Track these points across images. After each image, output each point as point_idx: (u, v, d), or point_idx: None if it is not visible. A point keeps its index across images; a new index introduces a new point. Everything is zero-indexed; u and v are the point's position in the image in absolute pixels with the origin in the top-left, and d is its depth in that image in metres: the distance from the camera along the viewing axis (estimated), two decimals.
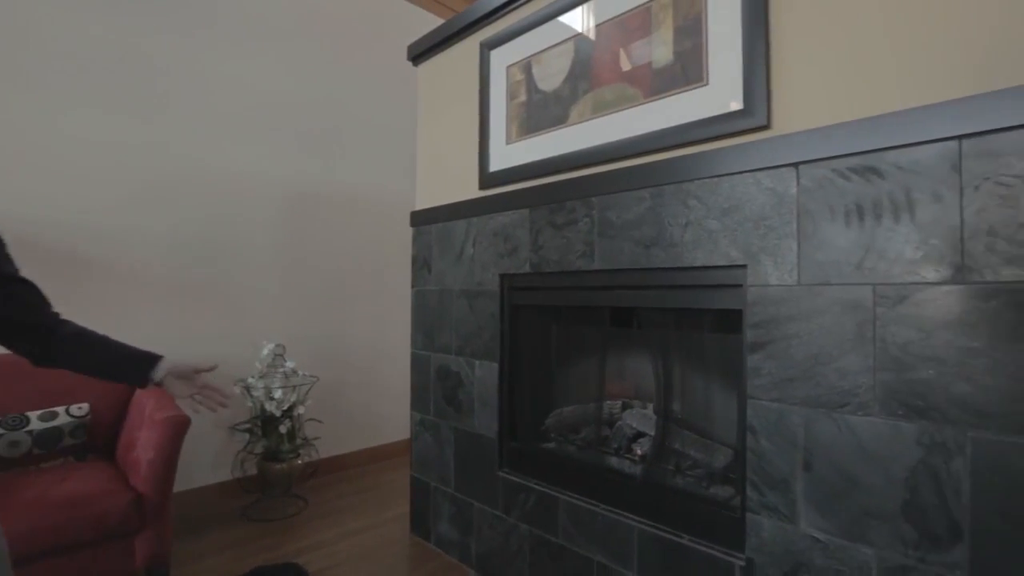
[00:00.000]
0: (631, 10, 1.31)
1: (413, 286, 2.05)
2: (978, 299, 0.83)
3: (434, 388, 1.93)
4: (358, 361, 2.78)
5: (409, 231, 2.08)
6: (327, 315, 2.68)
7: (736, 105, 1.09)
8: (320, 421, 2.46)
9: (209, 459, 2.28)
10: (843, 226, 0.96)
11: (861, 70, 0.97)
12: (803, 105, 1.03)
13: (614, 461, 1.47)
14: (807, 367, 1.00)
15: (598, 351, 1.65)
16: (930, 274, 0.87)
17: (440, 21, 3.45)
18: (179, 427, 1.53)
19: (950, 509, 0.85)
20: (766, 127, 1.07)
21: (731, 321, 1.21)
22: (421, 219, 2.01)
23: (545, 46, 1.54)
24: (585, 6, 1.43)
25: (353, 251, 2.78)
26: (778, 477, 1.04)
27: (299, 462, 2.26)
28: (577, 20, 1.45)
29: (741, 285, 1.11)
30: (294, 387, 2.24)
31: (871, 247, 0.93)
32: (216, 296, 2.32)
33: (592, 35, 1.41)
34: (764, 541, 1.06)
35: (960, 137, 0.85)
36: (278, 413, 2.19)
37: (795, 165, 1.02)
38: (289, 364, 2.30)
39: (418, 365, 2.01)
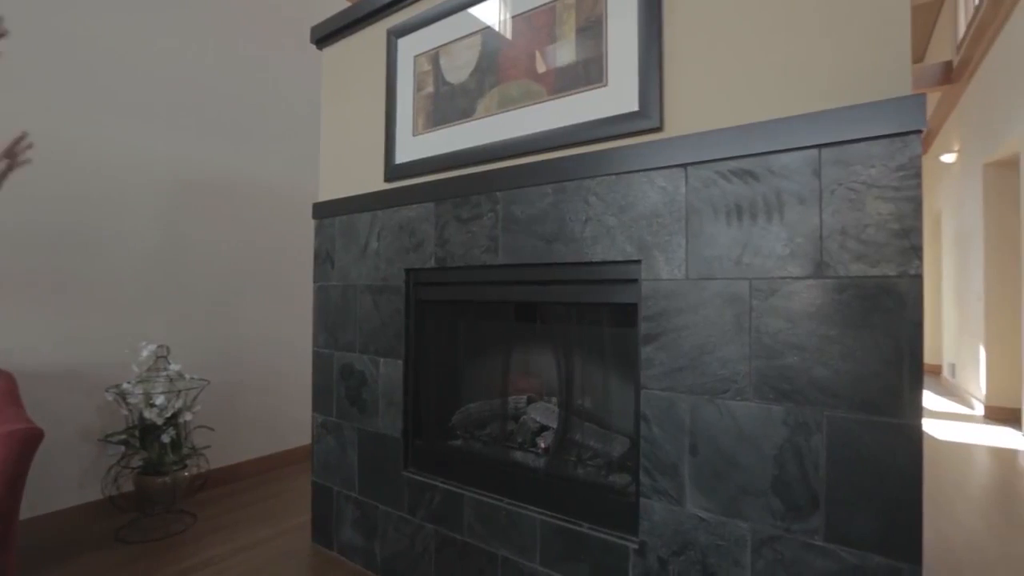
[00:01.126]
0: (537, 8, 1.32)
1: (315, 281, 1.94)
2: (833, 292, 0.92)
3: (337, 388, 1.85)
4: (257, 362, 2.59)
5: (312, 223, 1.97)
6: (221, 313, 2.47)
7: (632, 107, 1.14)
8: (211, 428, 2.26)
9: (74, 477, 2.02)
10: (725, 224, 1.03)
11: (742, 81, 1.04)
12: (692, 110, 1.09)
13: (519, 455, 1.48)
14: (694, 357, 1.06)
15: (504, 346, 1.66)
16: (796, 269, 0.96)
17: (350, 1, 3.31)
18: (28, 442, 1.33)
19: (810, 481, 0.94)
20: (659, 129, 1.12)
21: (628, 315, 1.26)
22: (324, 211, 1.91)
23: (453, 37, 1.52)
24: (490, 1, 1.42)
25: (252, 243, 2.59)
26: (668, 462, 1.09)
27: (185, 474, 2.06)
28: (485, 13, 1.44)
29: (636, 280, 1.16)
30: (179, 392, 2.05)
31: (748, 244, 1.01)
32: (84, 294, 2.06)
33: (499, 29, 1.40)
34: (655, 524, 1.11)
35: (820, 146, 0.94)
36: (160, 421, 1.99)
37: (684, 166, 1.08)
38: (174, 367, 2.09)
39: (320, 364, 1.91)
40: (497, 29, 1.41)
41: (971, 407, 4.43)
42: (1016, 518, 2.34)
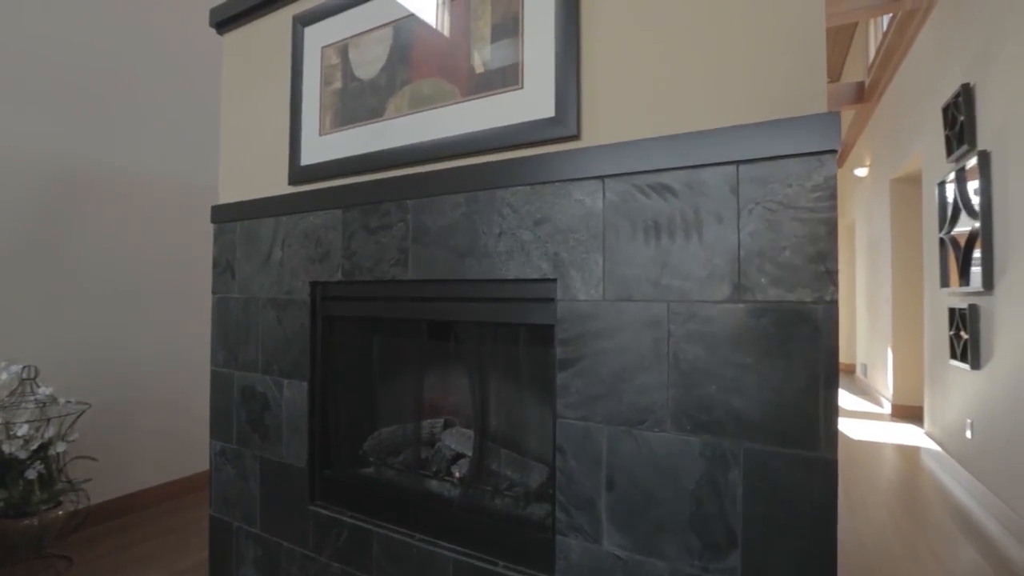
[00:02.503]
0: (451, 1, 1.22)
1: (214, 292, 1.74)
2: (751, 317, 0.87)
3: (237, 412, 1.66)
4: (154, 380, 2.33)
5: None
6: (110, 326, 2.19)
7: (549, 112, 1.05)
8: (94, 459, 1.99)
9: None
10: (643, 243, 0.97)
11: (661, 91, 0.98)
12: (610, 118, 1.02)
13: (433, 485, 1.37)
14: (611, 384, 0.99)
15: (418, 366, 1.54)
16: (714, 293, 0.90)
17: None
18: None
19: (727, 517, 0.88)
20: (576, 137, 1.04)
21: (546, 335, 1.17)
22: (224, 215, 1.72)
23: (363, 29, 1.38)
24: None
25: (145, 247, 2.32)
26: (584, 497, 1.02)
27: (59, 512, 1.80)
28: (395, 4, 1.32)
29: (553, 299, 1.08)
30: (48, 420, 1.78)
31: (667, 264, 0.94)
32: None
33: (411, 22, 1.29)
34: (572, 563, 1.03)
35: (737, 163, 0.89)
36: (24, 455, 1.72)
37: (601, 178, 1.01)
38: (44, 390, 1.82)
39: (219, 385, 1.72)
40: (409, 22, 1.29)
41: (880, 405, 4.74)
42: (918, 513, 2.47)
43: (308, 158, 1.49)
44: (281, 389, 1.54)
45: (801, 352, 0.84)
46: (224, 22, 1.78)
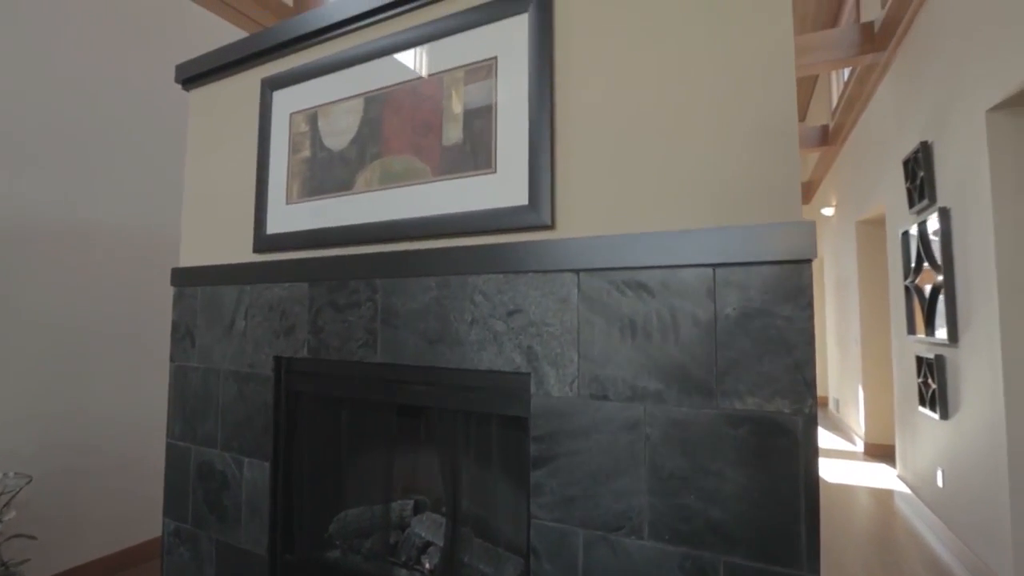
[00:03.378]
0: (423, 77, 1.20)
1: (173, 360, 1.65)
2: (729, 426, 0.85)
3: (194, 490, 1.56)
4: (101, 445, 2.19)
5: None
6: (52, 388, 2.06)
7: (522, 200, 1.03)
8: (32, 537, 1.84)
9: None
10: (619, 341, 0.94)
11: (636, 187, 0.97)
12: (585, 211, 1.01)
13: (402, 575, 1.29)
14: (587, 486, 0.95)
15: (387, 445, 1.47)
16: (692, 398, 0.88)
17: (232, 28, 3.06)
18: None
19: None
20: (550, 227, 1.02)
21: (520, 422, 1.13)
22: (185, 278, 1.64)
23: (333, 98, 1.36)
24: (377, 62, 1.28)
25: (97, 304, 2.20)
26: None
27: None
28: (367, 76, 1.30)
29: (527, 391, 1.04)
30: None
31: (644, 365, 0.92)
32: None
33: (383, 96, 1.26)
34: None
35: (714, 266, 0.87)
36: None
37: (576, 272, 0.98)
38: None
39: (175, 460, 1.61)
40: (380, 95, 1.27)
41: (853, 443, 4.78)
42: (890, 564, 2.46)
43: (274, 227, 1.44)
44: (241, 468, 1.45)
45: (780, 465, 0.81)
46: (191, 79, 1.74)
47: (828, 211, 5.60)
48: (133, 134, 2.36)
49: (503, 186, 1.06)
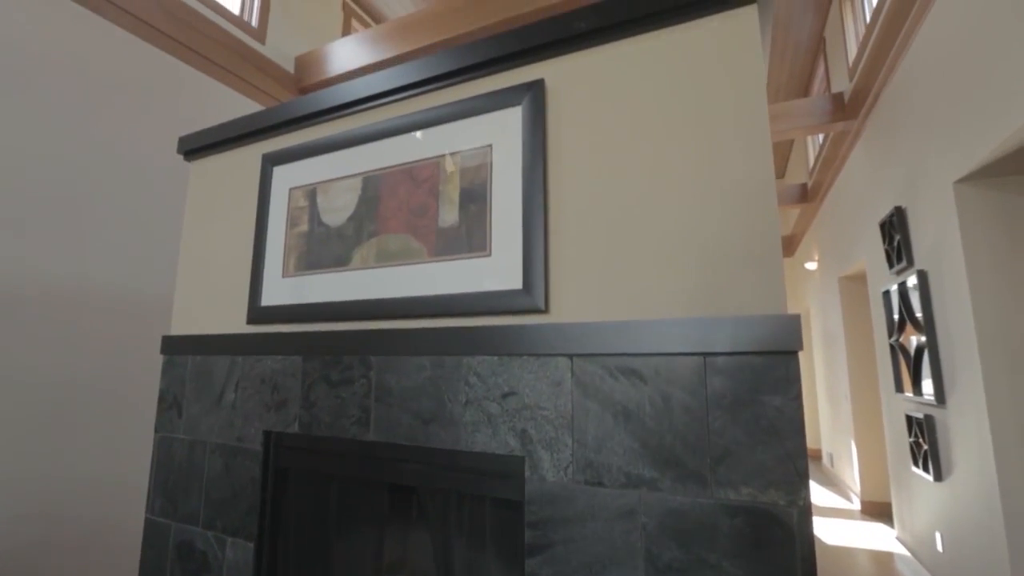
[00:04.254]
0: (421, 160, 1.25)
1: (157, 431, 1.61)
2: (725, 516, 0.85)
3: (172, 571, 1.49)
4: (80, 514, 2.10)
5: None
6: (29, 452, 1.99)
7: (516, 284, 1.06)
8: None
9: None
10: (613, 426, 0.94)
11: (629, 275, 1.00)
12: (579, 297, 1.03)
13: None
14: None
15: (377, 526, 1.43)
16: (687, 487, 0.88)
17: (230, 92, 3.16)
18: None
19: None
20: (544, 311, 1.04)
21: (513, 504, 1.11)
22: (175, 347, 1.63)
23: (332, 176, 1.40)
24: (376, 144, 1.34)
25: (85, 367, 2.17)
26: None
27: None
28: (366, 157, 1.35)
29: (521, 474, 1.03)
30: None
31: (638, 452, 0.92)
32: None
33: (381, 176, 1.31)
34: None
35: (704, 355, 0.89)
36: None
37: (570, 356, 1.00)
38: None
39: (153, 537, 1.55)
40: (378, 175, 1.31)
41: (850, 500, 4.71)
42: None
43: (269, 299, 1.45)
44: (224, 548, 1.39)
45: (777, 556, 0.81)
46: (193, 151, 1.79)
47: (811, 265, 5.73)
48: (129, 198, 2.40)
49: (498, 269, 1.09)
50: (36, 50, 2.19)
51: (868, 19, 3.53)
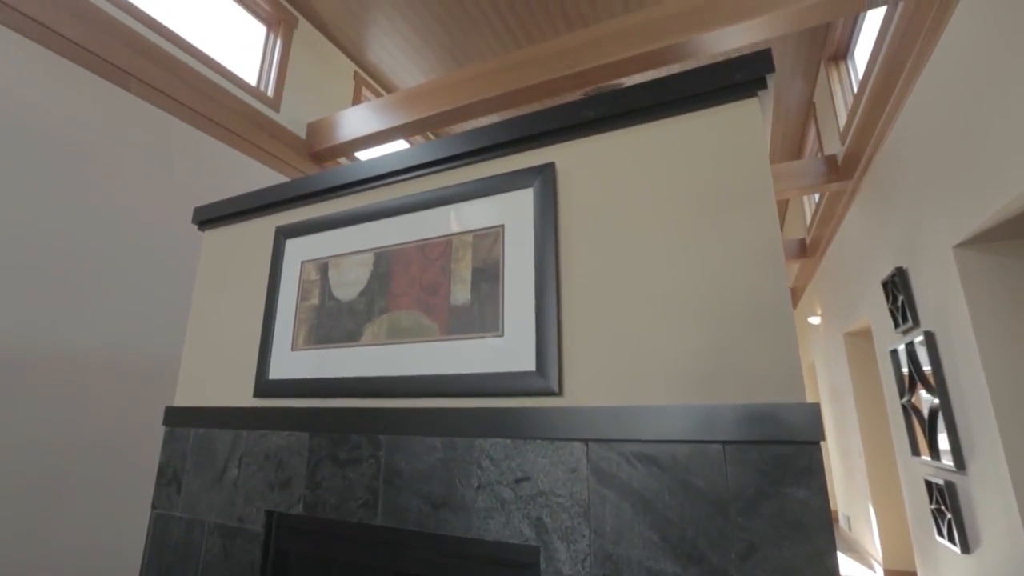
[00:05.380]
0: (433, 238, 1.27)
1: (154, 507, 1.56)
2: None
3: None
4: None
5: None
6: (26, 517, 1.92)
7: (530, 366, 1.05)
8: None
9: None
10: (631, 516, 0.91)
11: (643, 359, 1.00)
12: (593, 379, 1.02)
13: None
14: None
15: None
16: None
17: (243, 157, 3.26)
18: None
19: None
20: (558, 394, 1.03)
21: None
22: (178, 419, 1.60)
23: (344, 251, 1.42)
24: (388, 220, 1.37)
25: (88, 431, 2.13)
26: None
27: None
28: (378, 232, 1.37)
29: (536, 565, 0.99)
30: None
31: (658, 546, 0.88)
32: None
33: (393, 252, 1.33)
34: None
35: (724, 443, 0.88)
36: None
37: (585, 441, 0.98)
38: None
39: None
40: (389, 251, 1.33)
41: (872, 568, 4.48)
42: None
43: (277, 372, 1.44)
44: None
45: None
46: (207, 221, 1.83)
47: (815, 320, 5.72)
48: (139, 263, 2.43)
49: (510, 350, 1.08)
50: (51, 118, 2.28)
51: (855, 88, 3.70)
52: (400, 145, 5.15)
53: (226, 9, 3.59)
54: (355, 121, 3.80)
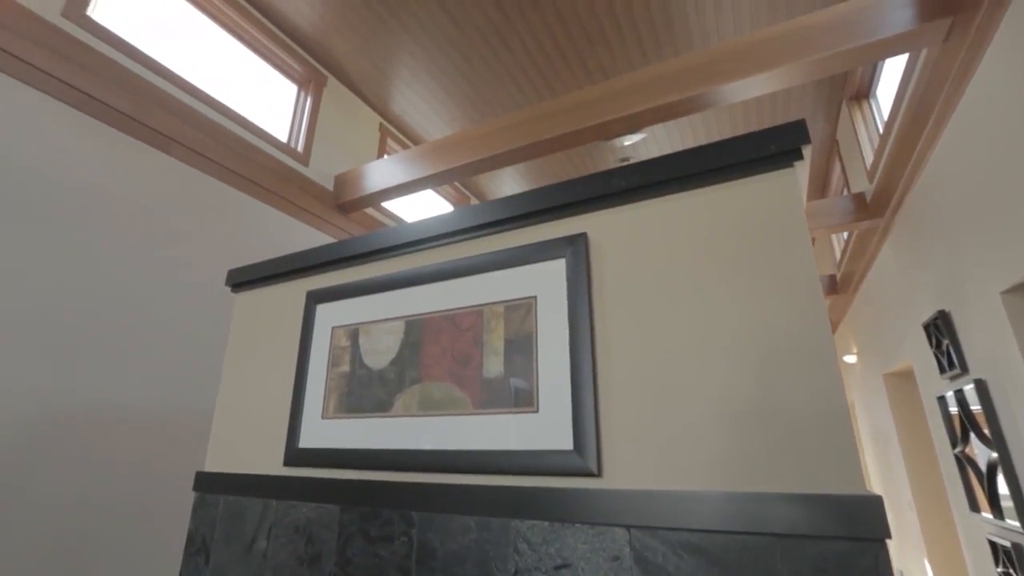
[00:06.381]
0: (463, 308, 1.27)
1: None
2: None
3: None
4: None
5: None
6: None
7: (567, 444, 1.02)
8: None
9: None
10: None
11: (687, 438, 0.96)
12: (634, 460, 0.98)
13: None
14: None
15: None
16: None
17: (272, 211, 3.35)
18: None
19: None
20: (597, 475, 0.99)
21: None
22: (208, 484, 1.59)
23: (374, 318, 1.43)
24: (419, 288, 1.37)
25: (119, 491, 2.14)
26: None
27: None
28: (409, 300, 1.38)
29: None
30: None
31: None
32: None
33: (424, 321, 1.33)
34: None
35: (778, 535, 0.82)
36: None
37: (628, 528, 0.93)
38: None
39: None
40: (422, 320, 1.33)
41: None
42: None
43: (307, 441, 1.43)
44: None
45: None
46: (239, 284, 1.86)
47: (851, 359, 5.52)
48: (172, 321, 2.49)
49: (546, 426, 1.05)
50: (98, 185, 2.39)
51: (880, 127, 3.66)
52: (424, 195, 5.26)
53: (260, 71, 3.79)
54: (380, 173, 3.90)
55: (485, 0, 3.42)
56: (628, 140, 4.71)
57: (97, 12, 2.68)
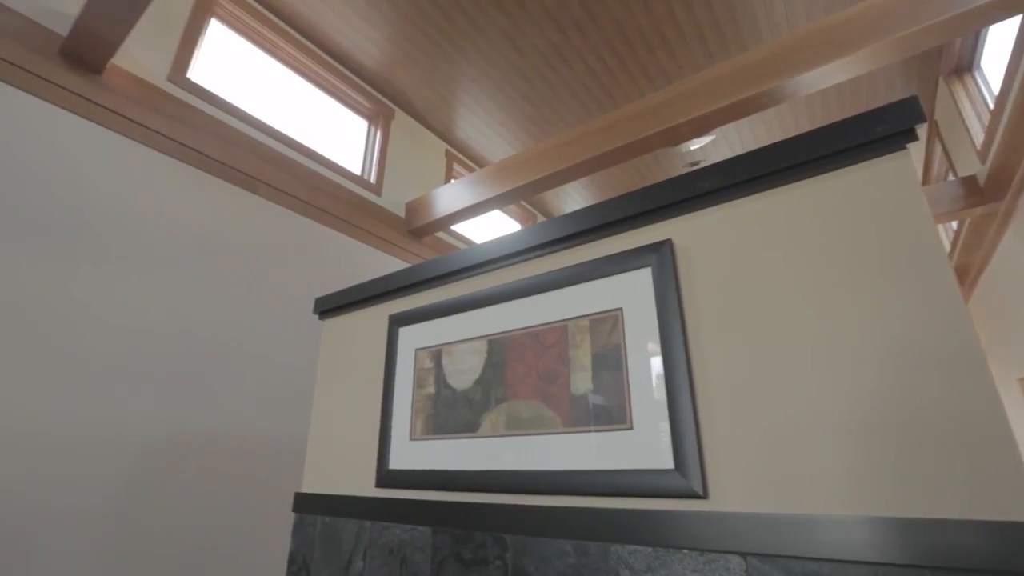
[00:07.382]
0: (546, 324, 1.24)
1: None
2: None
3: None
4: None
5: None
6: None
7: (667, 464, 0.95)
8: None
9: None
10: None
11: (806, 454, 0.87)
12: (744, 480, 0.90)
13: None
14: None
15: None
16: None
17: (350, 240, 3.49)
18: None
19: None
20: (703, 496, 0.92)
21: None
22: (306, 505, 1.65)
23: (456, 338, 1.43)
24: (500, 306, 1.36)
25: (237, 512, 2.28)
26: None
27: None
28: (491, 319, 1.37)
29: None
30: None
31: None
32: None
33: (507, 339, 1.31)
34: None
35: (929, 568, 0.71)
36: None
37: (743, 555, 0.85)
38: None
39: None
40: (505, 338, 1.32)
41: None
42: None
43: (397, 462, 1.45)
44: None
45: None
46: (326, 311, 1.95)
47: None
48: (264, 349, 2.65)
49: (642, 445, 0.99)
50: (194, 225, 2.61)
51: (991, 102, 3.29)
52: (491, 216, 5.34)
53: (333, 110, 4.03)
54: (449, 197, 4.00)
55: (543, 21, 3.46)
56: (696, 143, 4.55)
57: (194, 72, 2.97)
